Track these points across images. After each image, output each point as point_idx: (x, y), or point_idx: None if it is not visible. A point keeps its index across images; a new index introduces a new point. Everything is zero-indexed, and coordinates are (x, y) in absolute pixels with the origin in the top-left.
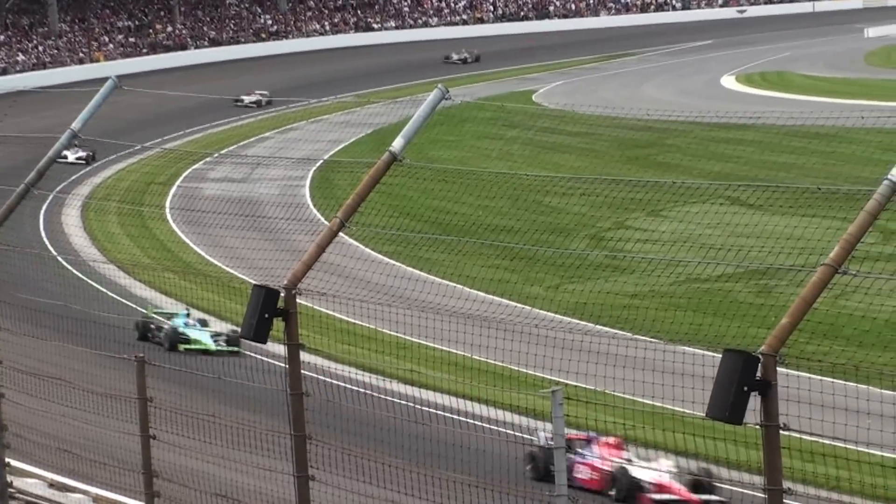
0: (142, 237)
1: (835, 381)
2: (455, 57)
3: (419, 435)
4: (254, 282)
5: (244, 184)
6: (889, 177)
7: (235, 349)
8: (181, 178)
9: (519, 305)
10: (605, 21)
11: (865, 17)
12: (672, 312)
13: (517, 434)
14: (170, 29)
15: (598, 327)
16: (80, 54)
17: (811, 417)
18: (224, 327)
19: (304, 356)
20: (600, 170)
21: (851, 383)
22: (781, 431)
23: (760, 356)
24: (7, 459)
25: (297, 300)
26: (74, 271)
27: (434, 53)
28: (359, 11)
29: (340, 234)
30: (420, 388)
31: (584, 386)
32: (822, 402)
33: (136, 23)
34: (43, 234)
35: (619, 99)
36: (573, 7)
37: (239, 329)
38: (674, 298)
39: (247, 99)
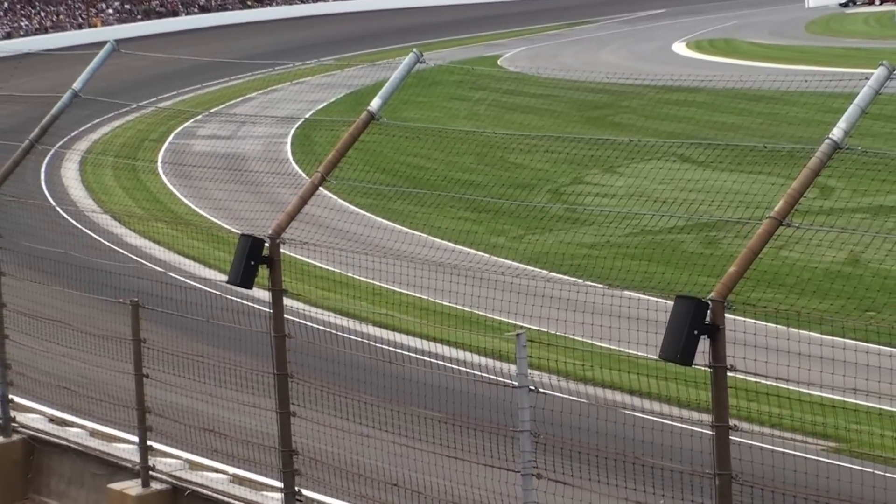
0: (135, 189)
1: (778, 326)
2: None
3: (392, 374)
4: (240, 232)
5: (230, 140)
6: (830, 136)
7: None
8: (172, 135)
9: (484, 254)
10: None
11: None
12: (626, 262)
13: (483, 374)
14: None
15: (558, 275)
16: (80, 20)
17: (756, 359)
18: None
19: (287, 301)
20: (560, 129)
21: (793, 328)
22: (728, 372)
23: (710, 302)
24: (10, 396)
25: (281, 249)
26: (73, 221)
27: (411, 21)
28: None
29: (320, 187)
30: (393, 331)
31: (545, 330)
32: (766, 345)
33: None
34: (44, 186)
35: (578, 63)
36: None
37: None
38: (628, 249)
39: None
